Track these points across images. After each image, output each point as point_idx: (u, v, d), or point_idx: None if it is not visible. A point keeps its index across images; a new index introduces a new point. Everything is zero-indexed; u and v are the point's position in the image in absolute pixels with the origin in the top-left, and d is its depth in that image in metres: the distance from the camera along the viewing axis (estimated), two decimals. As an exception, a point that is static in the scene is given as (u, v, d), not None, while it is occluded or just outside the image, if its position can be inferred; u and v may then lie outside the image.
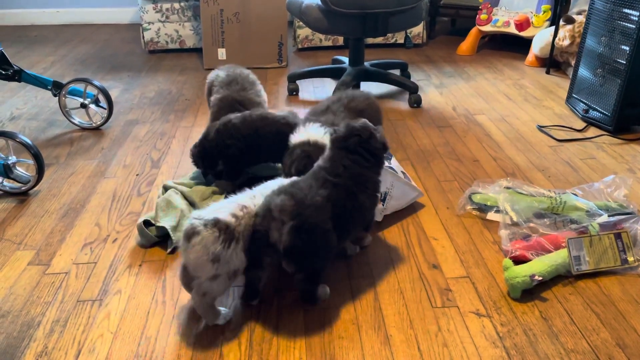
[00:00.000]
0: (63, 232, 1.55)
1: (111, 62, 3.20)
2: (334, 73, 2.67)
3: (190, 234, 1.11)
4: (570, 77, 2.47)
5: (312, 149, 1.43)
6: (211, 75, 1.95)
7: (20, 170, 1.75)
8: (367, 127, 1.30)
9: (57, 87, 2.21)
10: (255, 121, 1.63)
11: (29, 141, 1.70)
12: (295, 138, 1.49)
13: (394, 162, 1.62)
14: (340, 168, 1.25)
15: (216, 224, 1.12)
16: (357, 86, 2.71)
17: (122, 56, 3.33)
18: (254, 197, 1.23)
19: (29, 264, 1.41)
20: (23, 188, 1.74)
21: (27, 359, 1.12)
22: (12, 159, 1.72)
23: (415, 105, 2.47)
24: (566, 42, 2.73)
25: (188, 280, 1.19)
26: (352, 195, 1.24)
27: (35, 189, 1.77)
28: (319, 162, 1.29)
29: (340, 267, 1.39)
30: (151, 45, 3.31)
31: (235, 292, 1.30)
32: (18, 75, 2.17)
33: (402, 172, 1.64)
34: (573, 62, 2.72)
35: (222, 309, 1.22)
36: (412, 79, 2.80)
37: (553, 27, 2.86)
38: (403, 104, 2.51)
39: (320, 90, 2.72)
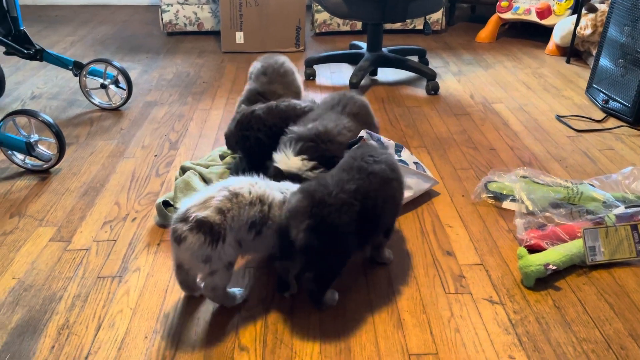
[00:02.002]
0: (83, 209, 1.58)
1: (130, 44, 3.22)
2: (351, 58, 2.66)
3: (179, 240, 1.09)
4: (591, 67, 2.44)
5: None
6: (251, 68, 1.93)
7: (41, 149, 1.78)
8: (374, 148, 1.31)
9: (77, 67, 2.23)
10: (284, 111, 1.59)
11: (50, 120, 1.73)
12: (278, 160, 1.44)
13: (404, 154, 1.62)
14: (377, 152, 1.24)
15: (200, 227, 1.08)
16: (375, 72, 2.70)
17: (141, 38, 3.35)
18: (254, 184, 1.18)
19: (51, 240, 1.45)
20: (44, 166, 1.78)
21: (50, 331, 1.15)
22: (34, 137, 1.75)
23: (432, 92, 2.46)
24: (588, 31, 2.69)
25: (183, 277, 1.21)
26: (387, 182, 1.20)
27: (56, 167, 1.80)
28: (350, 152, 1.28)
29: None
30: (169, 27, 3.32)
31: (250, 272, 1.33)
32: (40, 55, 2.20)
33: (414, 162, 1.64)
34: (594, 52, 2.69)
35: (236, 289, 1.24)
36: (430, 66, 2.78)
37: (575, 16, 2.82)
38: (420, 91, 2.50)
39: (337, 75, 2.72)
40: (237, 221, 1.13)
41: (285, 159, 1.42)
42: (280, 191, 1.21)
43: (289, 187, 1.23)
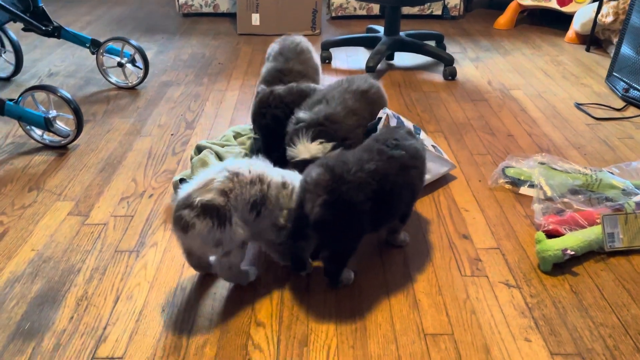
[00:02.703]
0: (101, 185, 1.59)
1: (146, 24, 3.22)
2: (368, 42, 2.64)
3: (186, 227, 1.08)
4: (611, 55, 2.40)
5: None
6: (268, 49, 1.92)
7: (60, 125, 1.79)
8: (411, 132, 1.30)
9: (95, 45, 2.24)
10: (303, 90, 1.57)
11: (69, 96, 1.74)
12: (295, 153, 1.42)
13: (422, 136, 1.61)
14: (398, 138, 1.23)
15: (206, 211, 1.07)
16: (391, 56, 2.68)
17: (157, 18, 3.34)
18: (253, 164, 1.17)
19: (69, 214, 1.46)
20: (62, 142, 1.79)
21: (69, 302, 1.17)
22: (53, 112, 1.76)
23: (450, 77, 2.44)
24: (609, 19, 2.64)
25: (195, 261, 1.21)
26: (405, 169, 1.20)
27: (74, 143, 1.81)
28: (373, 135, 1.27)
29: (370, 234, 1.39)
30: (185, 8, 3.31)
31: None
32: (58, 32, 2.20)
33: (432, 145, 1.63)
34: (615, 40, 2.64)
35: (248, 267, 1.24)
36: (447, 52, 2.75)
37: (596, 3, 2.77)
38: (437, 76, 2.47)
39: (353, 59, 2.70)
40: (240, 200, 1.11)
41: (304, 148, 1.40)
42: (279, 174, 1.20)
43: (288, 172, 1.21)
